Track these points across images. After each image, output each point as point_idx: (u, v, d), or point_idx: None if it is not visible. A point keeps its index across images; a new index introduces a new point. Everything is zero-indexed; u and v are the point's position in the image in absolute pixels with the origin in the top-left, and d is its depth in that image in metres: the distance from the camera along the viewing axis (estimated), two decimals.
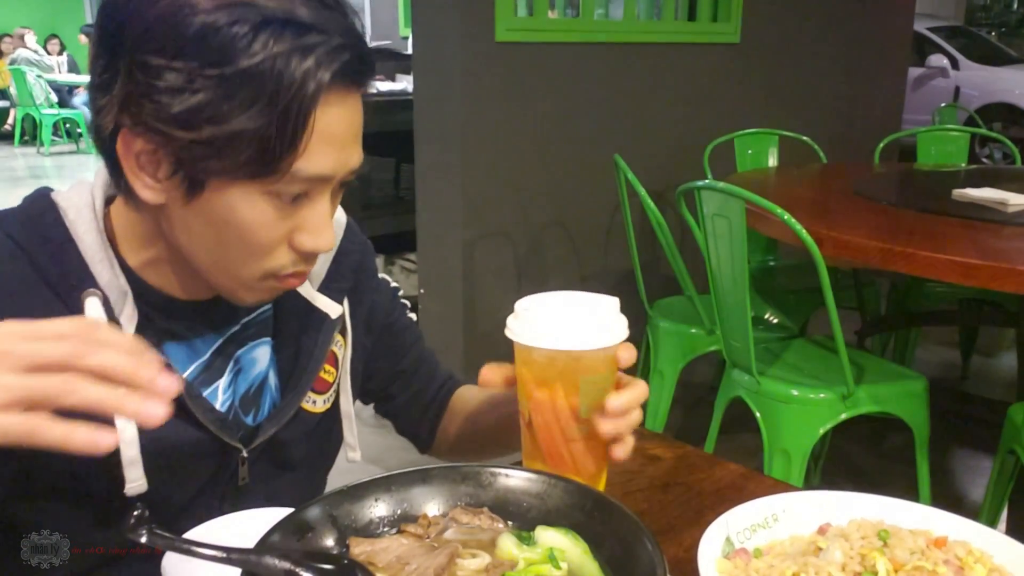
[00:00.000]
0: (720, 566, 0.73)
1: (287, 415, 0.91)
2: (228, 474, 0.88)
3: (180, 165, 0.73)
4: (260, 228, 0.75)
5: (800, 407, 2.06)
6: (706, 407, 2.54)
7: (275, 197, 0.74)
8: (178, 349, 0.86)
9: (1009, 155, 7.28)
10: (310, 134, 0.72)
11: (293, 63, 0.69)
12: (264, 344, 0.93)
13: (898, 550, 0.72)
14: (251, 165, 0.71)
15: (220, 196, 0.73)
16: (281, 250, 0.78)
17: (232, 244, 0.76)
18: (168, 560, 0.69)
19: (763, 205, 1.96)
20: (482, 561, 0.67)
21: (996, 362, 3.87)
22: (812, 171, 3.31)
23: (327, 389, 0.96)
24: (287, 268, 0.79)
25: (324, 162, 0.74)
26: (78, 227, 0.80)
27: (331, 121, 0.73)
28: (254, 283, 0.80)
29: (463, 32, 2.88)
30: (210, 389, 0.88)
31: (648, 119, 3.59)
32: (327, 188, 0.77)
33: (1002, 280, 1.75)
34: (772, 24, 4.03)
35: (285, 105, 0.70)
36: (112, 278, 0.80)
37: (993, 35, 12.65)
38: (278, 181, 0.73)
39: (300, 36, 0.70)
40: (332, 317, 0.93)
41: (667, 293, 2.83)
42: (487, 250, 3.16)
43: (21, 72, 10.90)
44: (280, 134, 0.70)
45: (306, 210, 0.77)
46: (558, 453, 0.79)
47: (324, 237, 0.78)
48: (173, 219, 0.77)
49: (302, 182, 0.74)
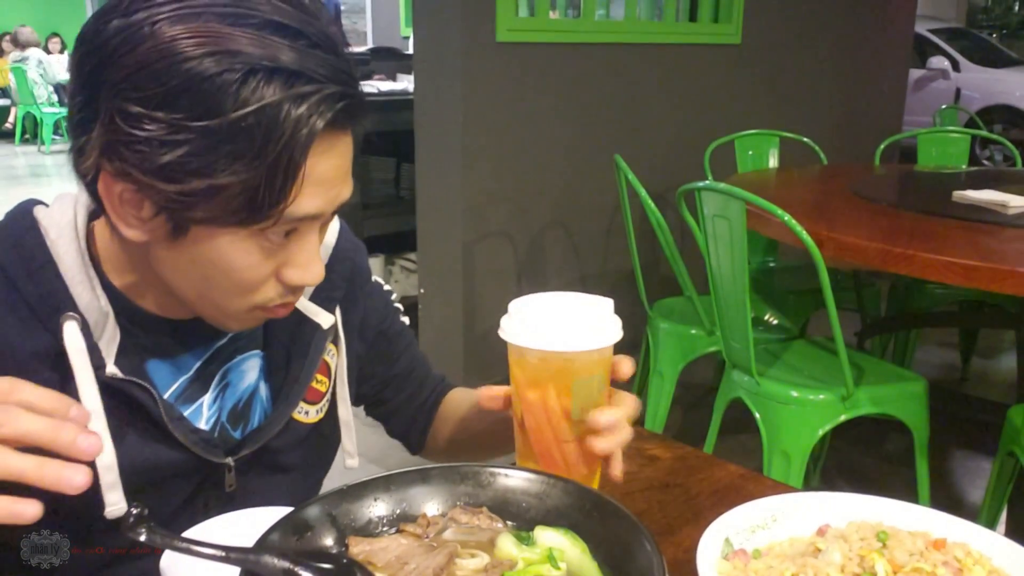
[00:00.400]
0: (719, 567, 0.73)
1: (276, 427, 0.89)
2: (213, 484, 0.87)
3: (164, 209, 0.71)
4: (247, 268, 0.74)
5: (800, 408, 2.06)
6: (706, 408, 2.54)
7: (263, 238, 0.72)
8: (162, 366, 0.85)
9: (1010, 157, 7.29)
10: (301, 182, 0.69)
11: (283, 113, 0.66)
12: (253, 357, 0.92)
13: (897, 551, 0.72)
14: (239, 214, 0.69)
15: (206, 239, 0.72)
16: (269, 284, 0.76)
17: (218, 282, 0.75)
18: (167, 559, 0.69)
19: (763, 206, 1.96)
20: (481, 561, 0.67)
21: (996, 364, 3.87)
22: (812, 172, 3.31)
23: (320, 399, 0.94)
24: (274, 300, 0.78)
25: (314, 203, 0.72)
26: (59, 247, 0.78)
27: (321, 165, 0.71)
28: (241, 315, 0.79)
29: (464, 32, 2.88)
30: (194, 406, 0.87)
31: (649, 120, 3.59)
32: (316, 224, 0.76)
33: (1002, 282, 1.75)
34: (773, 25, 4.03)
35: (275, 156, 0.67)
36: (92, 299, 0.78)
37: (994, 37, 12.66)
38: (267, 226, 0.71)
39: (290, 84, 0.67)
40: (324, 327, 0.91)
41: (667, 294, 2.83)
42: (487, 250, 3.16)
43: (22, 71, 10.90)
44: (270, 185, 0.68)
45: (295, 246, 0.75)
46: (550, 454, 0.79)
47: (312, 272, 0.77)
48: (157, 255, 0.76)
49: (291, 223, 0.72)
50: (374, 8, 9.59)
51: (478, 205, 3.09)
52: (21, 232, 0.79)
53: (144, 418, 0.80)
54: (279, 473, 0.92)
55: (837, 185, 2.91)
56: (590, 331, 0.76)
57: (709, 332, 2.53)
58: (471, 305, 3.14)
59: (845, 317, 2.13)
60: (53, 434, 0.58)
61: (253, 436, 0.89)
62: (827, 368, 2.12)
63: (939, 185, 2.98)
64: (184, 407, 0.86)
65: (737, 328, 2.10)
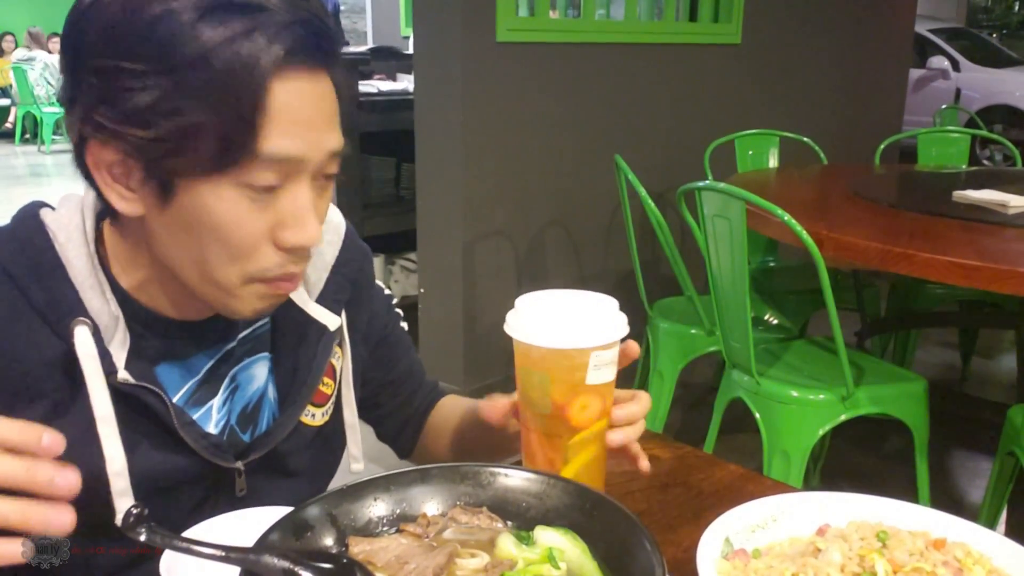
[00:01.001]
0: (719, 567, 0.73)
1: (285, 431, 0.89)
2: (225, 488, 0.87)
3: (150, 170, 0.71)
4: (237, 225, 0.73)
5: (800, 408, 2.06)
6: (706, 407, 2.54)
7: (247, 188, 0.71)
8: (172, 369, 0.84)
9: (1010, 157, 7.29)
10: (268, 114, 0.69)
11: (241, 45, 0.68)
12: (262, 360, 0.91)
13: (897, 551, 0.72)
14: (215, 157, 0.70)
15: (193, 196, 0.72)
16: (264, 250, 0.75)
17: (212, 247, 0.74)
18: (167, 559, 0.69)
19: (763, 206, 1.96)
20: (481, 561, 0.67)
21: (996, 364, 3.87)
22: (812, 172, 3.31)
23: (326, 402, 0.94)
24: (273, 270, 0.76)
25: (291, 144, 0.71)
26: (68, 251, 0.78)
27: (291, 100, 0.71)
28: (241, 289, 0.77)
29: (464, 32, 2.88)
30: (203, 409, 0.87)
31: (649, 119, 3.59)
32: (303, 175, 0.74)
33: (1002, 282, 1.75)
34: (773, 25, 4.03)
35: (237, 88, 0.68)
36: (103, 304, 0.78)
37: (994, 37, 12.66)
38: (246, 170, 0.71)
39: (247, 16, 0.69)
40: (331, 329, 0.91)
41: (667, 293, 2.83)
42: (487, 250, 3.16)
43: (22, 70, 10.90)
44: (237, 119, 0.69)
45: (284, 201, 0.73)
46: (548, 457, 0.80)
47: (307, 230, 0.74)
48: (154, 231, 0.76)
49: (272, 168, 0.71)
50: (374, 8, 9.59)
51: (478, 205, 3.09)
52: (29, 235, 0.79)
53: (155, 423, 0.80)
54: (287, 477, 0.92)
55: (837, 185, 2.91)
56: (596, 329, 0.76)
57: (709, 332, 2.53)
58: (471, 305, 3.14)
59: (845, 317, 2.13)
60: (29, 477, 0.58)
61: (262, 439, 0.88)
62: (827, 368, 2.12)
63: (939, 185, 2.98)
64: (194, 410, 0.86)
65: (737, 328, 2.10)
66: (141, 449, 0.80)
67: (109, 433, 0.76)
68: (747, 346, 2.05)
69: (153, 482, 0.80)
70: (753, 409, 2.13)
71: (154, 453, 0.81)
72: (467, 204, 3.05)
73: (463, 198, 3.04)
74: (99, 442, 0.76)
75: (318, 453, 0.95)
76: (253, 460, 0.87)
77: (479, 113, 2.99)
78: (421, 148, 3.13)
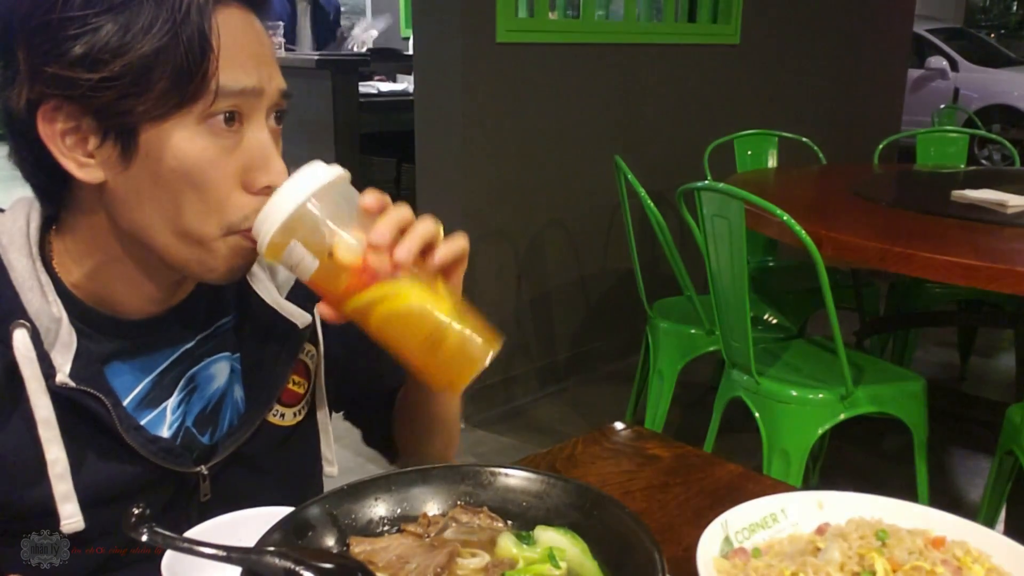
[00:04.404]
0: (719, 566, 0.73)
1: (248, 431, 0.87)
2: (187, 494, 0.85)
3: (105, 127, 0.71)
4: (205, 167, 0.72)
5: (799, 407, 2.06)
6: (705, 407, 2.54)
7: (208, 122, 0.72)
8: (124, 369, 0.82)
9: (1008, 156, 7.29)
10: (218, 43, 0.71)
11: None
12: (222, 360, 0.89)
13: (896, 550, 0.72)
14: (170, 93, 0.70)
15: (155, 144, 0.71)
16: (237, 196, 0.74)
17: (185, 197, 0.73)
18: (168, 559, 0.69)
19: (762, 206, 1.96)
20: (482, 560, 0.67)
21: (994, 363, 3.88)
22: (811, 172, 3.31)
23: (298, 401, 0.92)
24: (250, 219, 0.73)
25: (246, 76, 0.73)
26: (10, 253, 0.77)
27: (236, 34, 0.73)
28: (219, 243, 0.75)
29: (464, 33, 2.88)
30: (156, 411, 0.84)
31: (648, 120, 3.59)
32: (260, 109, 0.75)
33: (1001, 281, 1.76)
34: (772, 25, 4.03)
35: (183, 18, 0.70)
36: (43, 305, 0.76)
37: (992, 37, 12.65)
38: (207, 104, 0.71)
39: None
40: (300, 327, 0.89)
41: (667, 293, 2.84)
42: (487, 250, 3.16)
43: None
44: (188, 49, 0.70)
45: (249, 141, 0.74)
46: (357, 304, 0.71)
47: (274, 167, 0.75)
48: (119, 197, 0.74)
49: (231, 101, 0.72)
50: (374, 8, 9.59)
51: (478, 205, 3.09)
52: None
53: (99, 429, 0.78)
54: (256, 480, 0.89)
55: (836, 185, 2.91)
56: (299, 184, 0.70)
57: (709, 332, 2.53)
58: (471, 305, 3.14)
59: (844, 316, 2.14)
60: None
61: (224, 441, 0.86)
62: (826, 367, 2.13)
63: (938, 185, 2.98)
64: (146, 411, 0.83)
65: (736, 327, 2.10)
66: (86, 456, 0.78)
67: (51, 437, 0.75)
68: (746, 346, 2.05)
69: (102, 489, 0.78)
70: (752, 408, 2.13)
71: (101, 460, 0.79)
72: (467, 204, 3.05)
73: (463, 198, 3.04)
74: (41, 446, 0.75)
75: (291, 455, 0.92)
76: (217, 463, 0.85)
77: (478, 113, 2.99)
78: (421, 149, 3.13)
